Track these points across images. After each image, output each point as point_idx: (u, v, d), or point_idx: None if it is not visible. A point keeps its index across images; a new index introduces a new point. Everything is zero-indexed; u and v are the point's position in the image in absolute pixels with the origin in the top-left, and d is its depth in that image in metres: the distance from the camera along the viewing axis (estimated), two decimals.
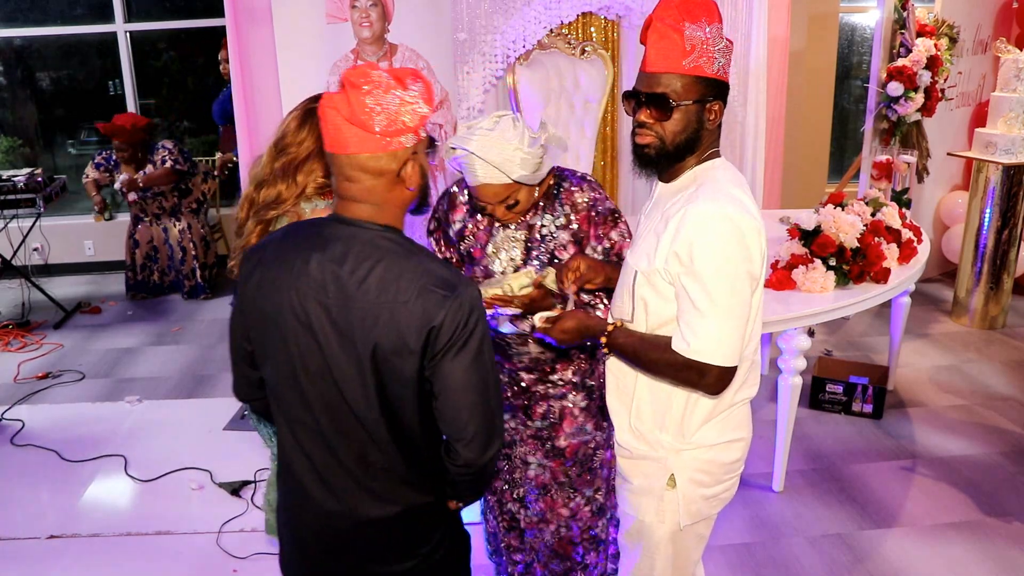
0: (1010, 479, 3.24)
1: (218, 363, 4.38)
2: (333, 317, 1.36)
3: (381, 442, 1.42)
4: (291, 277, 1.38)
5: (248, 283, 1.45)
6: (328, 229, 1.40)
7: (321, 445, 1.44)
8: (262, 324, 1.43)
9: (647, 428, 1.67)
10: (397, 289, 1.33)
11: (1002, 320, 4.77)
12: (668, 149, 1.55)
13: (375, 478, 1.45)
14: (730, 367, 1.51)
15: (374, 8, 3.65)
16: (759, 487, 3.18)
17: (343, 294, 1.35)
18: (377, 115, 1.32)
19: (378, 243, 1.37)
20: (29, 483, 3.32)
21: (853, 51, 6.97)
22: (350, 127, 1.32)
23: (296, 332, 1.39)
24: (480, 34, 3.66)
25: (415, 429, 1.44)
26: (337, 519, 1.47)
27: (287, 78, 3.80)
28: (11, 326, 4.98)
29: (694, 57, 1.49)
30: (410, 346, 1.34)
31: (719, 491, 1.70)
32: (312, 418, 1.42)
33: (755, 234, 1.50)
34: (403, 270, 1.35)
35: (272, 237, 1.49)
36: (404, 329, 1.33)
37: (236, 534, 2.92)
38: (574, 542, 2.21)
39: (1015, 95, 4.59)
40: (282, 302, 1.39)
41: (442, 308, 1.33)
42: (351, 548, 1.49)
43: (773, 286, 3.04)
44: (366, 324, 1.34)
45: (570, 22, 3.97)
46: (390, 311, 1.33)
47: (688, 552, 1.75)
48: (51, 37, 6.34)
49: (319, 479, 1.46)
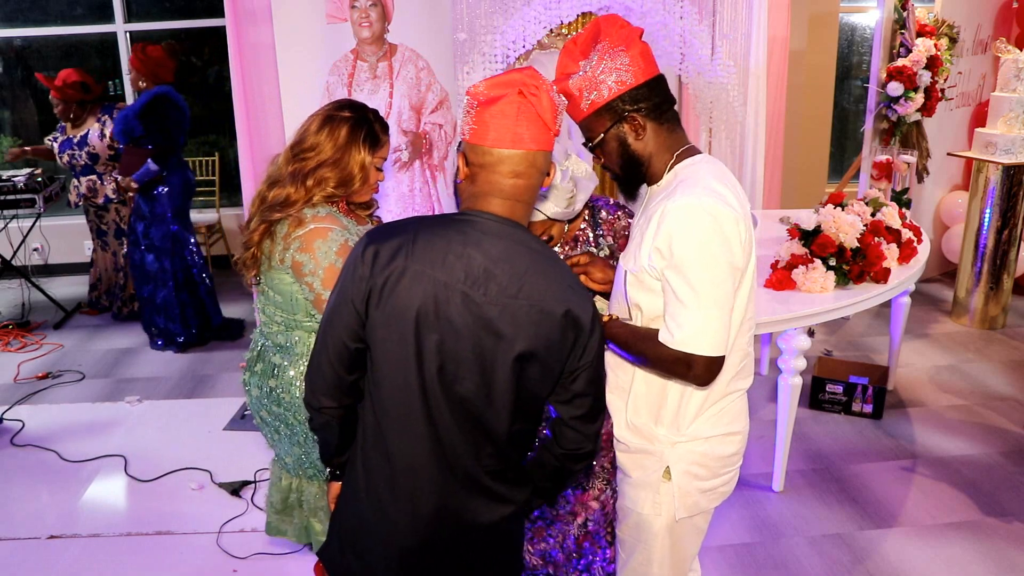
0: (1010, 479, 3.24)
1: (218, 363, 4.39)
2: (485, 316, 1.34)
3: (498, 443, 1.42)
4: (444, 271, 1.35)
5: (382, 273, 1.36)
6: (479, 226, 1.38)
7: (429, 449, 1.41)
8: (397, 317, 1.36)
9: (643, 422, 1.69)
10: (549, 291, 1.36)
11: (1002, 320, 4.77)
12: (621, 175, 1.67)
13: (488, 479, 1.44)
14: (717, 357, 1.52)
15: (374, 8, 3.65)
16: (759, 487, 3.18)
17: (501, 293, 1.34)
18: (559, 114, 1.42)
19: (531, 245, 1.39)
20: (29, 483, 3.32)
21: (853, 51, 6.97)
22: (542, 124, 1.38)
23: (440, 328, 1.35)
24: (480, 34, 3.66)
25: (529, 431, 1.47)
26: (443, 523, 1.45)
27: (287, 78, 3.80)
28: (11, 326, 4.99)
29: (586, 98, 1.59)
30: (560, 347, 1.37)
31: (716, 485, 1.71)
32: (438, 421, 1.39)
33: (734, 224, 1.51)
34: (553, 273, 1.38)
35: (397, 227, 1.42)
36: (556, 331, 1.36)
37: (236, 534, 2.92)
38: (598, 535, 2.23)
39: (1015, 95, 4.59)
40: (428, 296, 1.35)
41: (586, 310, 1.38)
42: (454, 553, 1.47)
43: (773, 286, 3.04)
44: (521, 325, 1.34)
45: (570, 22, 3.96)
46: (544, 313, 1.35)
47: (685, 545, 1.76)
48: (51, 37, 6.34)
49: (426, 487, 1.43)
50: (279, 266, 2.00)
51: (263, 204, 2.03)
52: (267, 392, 2.14)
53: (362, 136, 1.99)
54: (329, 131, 1.97)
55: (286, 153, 2.03)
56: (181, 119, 4.48)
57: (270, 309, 2.12)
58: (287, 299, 2.05)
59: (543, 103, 1.38)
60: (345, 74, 3.81)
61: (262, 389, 2.15)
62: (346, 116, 2.00)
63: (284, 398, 2.11)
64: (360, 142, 1.98)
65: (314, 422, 1.56)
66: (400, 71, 3.78)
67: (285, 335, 2.11)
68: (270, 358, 2.14)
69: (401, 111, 3.77)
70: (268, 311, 2.13)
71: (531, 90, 1.37)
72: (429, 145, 3.89)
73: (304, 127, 2.03)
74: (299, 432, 2.15)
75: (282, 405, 2.12)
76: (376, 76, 3.78)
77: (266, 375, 2.14)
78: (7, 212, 5.07)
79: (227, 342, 4.73)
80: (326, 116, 2.00)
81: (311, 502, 2.30)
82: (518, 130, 1.37)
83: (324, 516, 2.30)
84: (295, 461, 2.24)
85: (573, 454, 1.48)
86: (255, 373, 2.18)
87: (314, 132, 1.99)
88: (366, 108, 2.05)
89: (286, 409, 2.12)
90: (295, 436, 2.17)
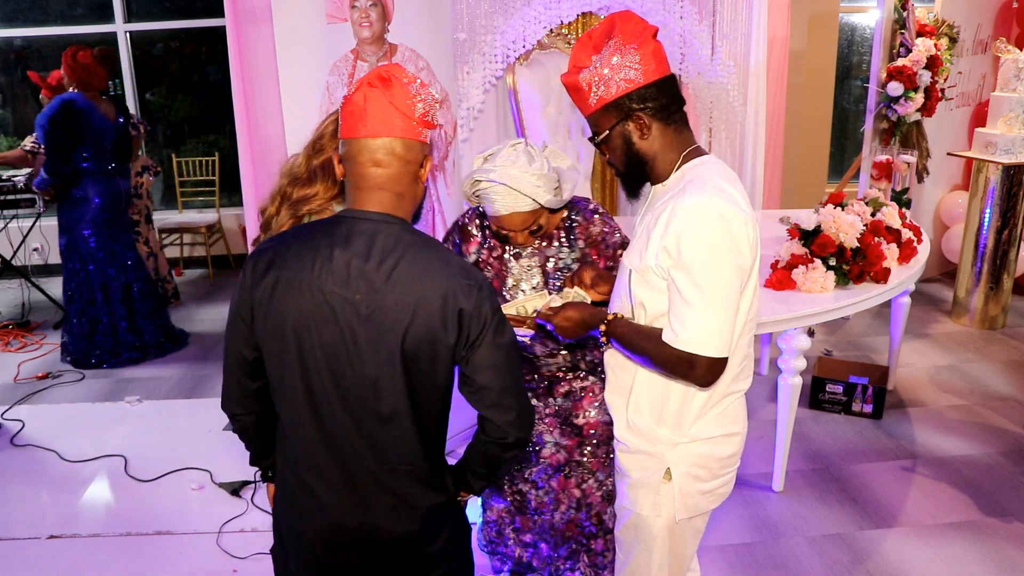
0: (1010, 479, 3.24)
1: (218, 363, 4.35)
2: (361, 313, 1.35)
3: (405, 440, 1.43)
4: (312, 276, 1.37)
5: (259, 285, 1.41)
6: (347, 225, 1.40)
7: (336, 452, 1.43)
8: (277, 327, 1.39)
9: (644, 422, 1.68)
10: (424, 281, 1.36)
11: (1002, 320, 4.77)
12: (624, 172, 1.67)
13: (396, 480, 1.45)
14: (720, 358, 1.52)
15: (374, 8, 3.65)
16: (759, 487, 3.18)
17: (371, 289, 1.35)
18: (418, 103, 1.40)
19: (400, 236, 1.39)
20: (29, 483, 3.32)
21: (853, 51, 6.97)
22: (393, 111, 1.38)
23: (319, 332, 1.37)
24: (480, 34, 3.66)
25: (436, 423, 1.47)
26: (353, 529, 1.46)
27: (287, 78, 3.79)
28: (11, 326, 4.99)
29: (594, 93, 1.58)
30: (443, 335, 1.36)
31: (716, 486, 1.71)
32: (330, 424, 1.41)
33: (743, 225, 1.51)
34: (428, 262, 1.38)
35: (279, 239, 1.46)
36: (436, 319, 1.35)
37: (236, 534, 2.92)
38: (582, 525, 2.24)
39: (1015, 95, 4.59)
40: (303, 302, 1.37)
41: (471, 296, 1.37)
42: (364, 554, 1.49)
43: (773, 286, 3.04)
44: (397, 317, 1.35)
45: (570, 22, 3.97)
46: (420, 303, 1.35)
47: (684, 545, 1.76)
48: (51, 37, 6.34)
49: (331, 487, 1.45)
50: None
51: (285, 200, 2.04)
52: None
53: None
54: None
55: (306, 151, 2.05)
56: (90, 128, 4.24)
57: None
58: None
59: (394, 90, 1.39)
60: (345, 74, 3.80)
61: None
62: None
63: None
64: None
65: (234, 428, 1.63)
66: None
67: None
68: None
69: None
70: None
71: (382, 79, 1.40)
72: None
73: (322, 126, 2.04)
74: None
75: None
76: None
77: None
78: (7, 212, 5.08)
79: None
80: None
81: None
82: (369, 117, 1.39)
83: None
84: None
85: (498, 442, 1.48)
86: None
87: (332, 133, 2.02)
88: None
89: None
90: None
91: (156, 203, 6.26)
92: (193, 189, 6.39)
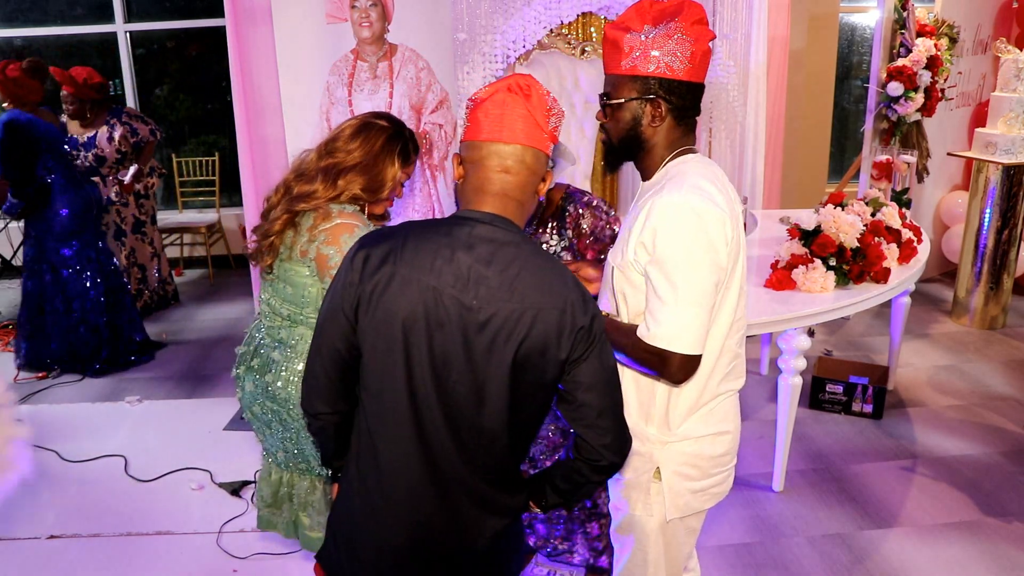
0: (1010, 479, 3.24)
1: (218, 363, 4.38)
2: (478, 319, 1.33)
3: (498, 449, 1.41)
4: (430, 276, 1.34)
5: (371, 280, 1.36)
6: (468, 227, 1.38)
7: (429, 458, 1.40)
8: (385, 324, 1.35)
9: (633, 421, 1.68)
10: (544, 293, 1.34)
11: (1002, 320, 4.77)
12: (615, 145, 1.65)
13: (483, 489, 1.43)
14: (693, 355, 1.51)
15: (374, 8, 3.66)
16: (759, 487, 3.18)
17: (490, 296, 1.33)
18: (552, 116, 1.44)
19: (521, 245, 1.37)
20: (29, 483, 3.32)
21: (853, 51, 6.97)
22: (531, 120, 1.40)
23: (429, 333, 1.34)
24: (480, 34, 3.66)
25: (528, 436, 1.46)
26: (442, 538, 1.44)
27: (287, 78, 3.80)
28: (11, 326, 4.98)
29: (631, 58, 1.56)
30: (555, 349, 1.35)
31: (708, 485, 1.70)
32: (430, 429, 1.39)
33: (719, 224, 1.51)
34: (547, 274, 1.36)
35: (389, 233, 1.42)
36: (552, 332, 1.34)
37: (236, 534, 2.92)
38: (577, 508, 2.24)
39: (1015, 95, 4.59)
40: (416, 302, 1.34)
41: (586, 312, 1.36)
42: (452, 562, 1.47)
43: (773, 286, 3.04)
44: (514, 327, 1.33)
45: (570, 22, 3.96)
46: (540, 315, 1.33)
47: (679, 544, 1.76)
48: (51, 37, 6.34)
49: (420, 495, 1.42)
50: (299, 258, 2.03)
51: (287, 193, 2.05)
52: (263, 388, 2.15)
53: (397, 149, 2.06)
54: (364, 137, 2.03)
55: (319, 149, 2.09)
56: (42, 138, 4.10)
57: (276, 301, 2.12)
58: (298, 293, 2.06)
59: (533, 101, 1.40)
60: (345, 74, 3.81)
61: (257, 385, 2.16)
62: (383, 126, 2.06)
63: (280, 394, 2.12)
64: (395, 154, 2.06)
65: (311, 427, 1.57)
66: (400, 71, 3.78)
67: (288, 330, 2.12)
68: (268, 354, 2.15)
69: (401, 111, 3.77)
70: (273, 303, 2.13)
71: (521, 88, 1.41)
72: (429, 145, 3.89)
73: (339, 129, 2.08)
74: (292, 428, 2.16)
75: (277, 401, 2.13)
76: (376, 76, 3.78)
77: (263, 370, 2.15)
78: None
79: (226, 342, 4.70)
80: (363, 123, 2.07)
81: (301, 496, 2.31)
82: (505, 123, 1.39)
83: (313, 511, 2.32)
84: (287, 456, 2.25)
85: (590, 463, 1.46)
86: (250, 368, 2.19)
87: (348, 137, 2.05)
88: (403, 124, 2.12)
89: (280, 405, 2.13)
90: (288, 432, 2.18)
91: (156, 203, 6.25)
92: (193, 189, 6.39)
